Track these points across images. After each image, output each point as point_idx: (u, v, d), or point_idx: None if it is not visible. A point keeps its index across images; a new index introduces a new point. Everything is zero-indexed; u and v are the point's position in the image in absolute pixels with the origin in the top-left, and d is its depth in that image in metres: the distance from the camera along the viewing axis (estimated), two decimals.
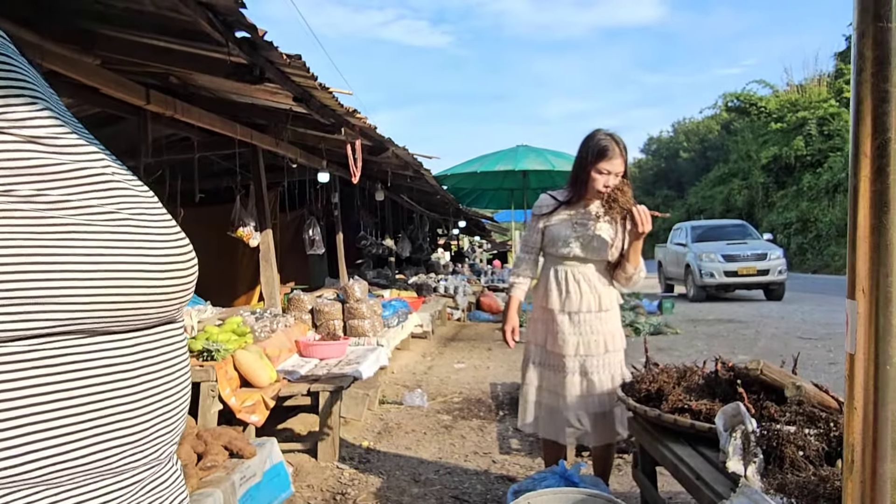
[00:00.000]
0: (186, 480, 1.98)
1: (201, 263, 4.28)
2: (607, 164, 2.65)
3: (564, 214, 2.79)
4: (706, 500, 1.78)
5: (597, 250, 2.75)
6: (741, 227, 15.35)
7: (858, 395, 0.70)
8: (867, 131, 0.72)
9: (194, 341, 3.79)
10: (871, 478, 0.68)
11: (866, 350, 0.70)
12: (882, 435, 0.68)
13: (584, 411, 2.74)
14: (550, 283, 2.80)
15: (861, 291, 0.71)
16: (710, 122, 51.67)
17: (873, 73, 0.71)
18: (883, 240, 0.69)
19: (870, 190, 0.71)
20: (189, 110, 4.14)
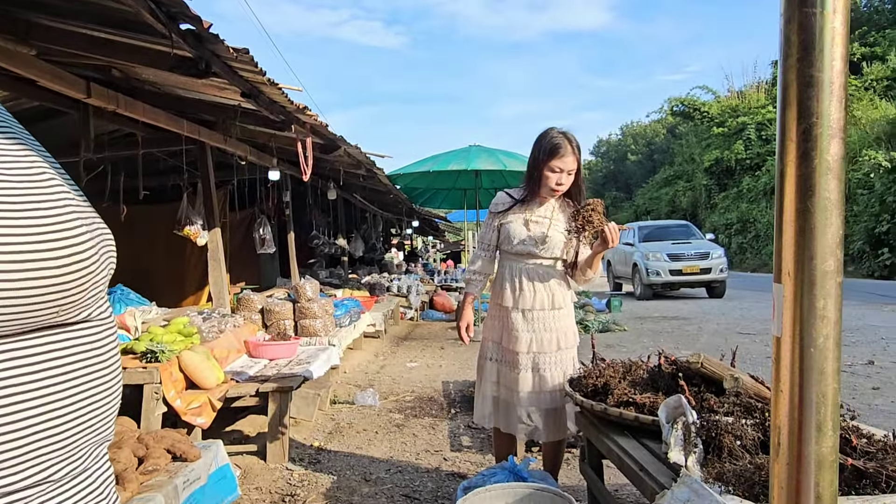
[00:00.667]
0: (126, 485, 1.93)
1: (146, 263, 4.23)
2: (559, 162, 2.68)
3: (519, 212, 2.80)
4: (649, 490, 1.83)
5: (550, 249, 2.76)
6: (685, 227, 15.83)
7: (784, 378, 0.73)
8: (793, 116, 0.74)
9: (138, 342, 3.68)
10: (796, 459, 0.71)
11: (792, 333, 0.73)
12: (807, 417, 0.71)
13: (536, 407, 2.77)
14: (505, 280, 2.82)
15: (787, 275, 0.73)
16: (657, 125, 53.09)
17: (799, 58, 0.73)
18: (808, 224, 0.72)
19: (795, 174, 0.73)
20: (133, 105, 4.01)
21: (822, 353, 0.70)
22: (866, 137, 23.05)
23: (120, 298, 5.05)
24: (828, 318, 0.70)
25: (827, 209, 0.70)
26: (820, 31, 0.70)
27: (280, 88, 3.57)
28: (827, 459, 0.70)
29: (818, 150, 0.71)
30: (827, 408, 0.69)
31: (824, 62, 0.70)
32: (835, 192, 0.71)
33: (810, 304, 0.71)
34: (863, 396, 4.81)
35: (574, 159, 2.71)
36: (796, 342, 0.72)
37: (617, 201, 52.11)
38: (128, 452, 2.06)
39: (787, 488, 0.70)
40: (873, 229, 18.84)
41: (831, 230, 0.70)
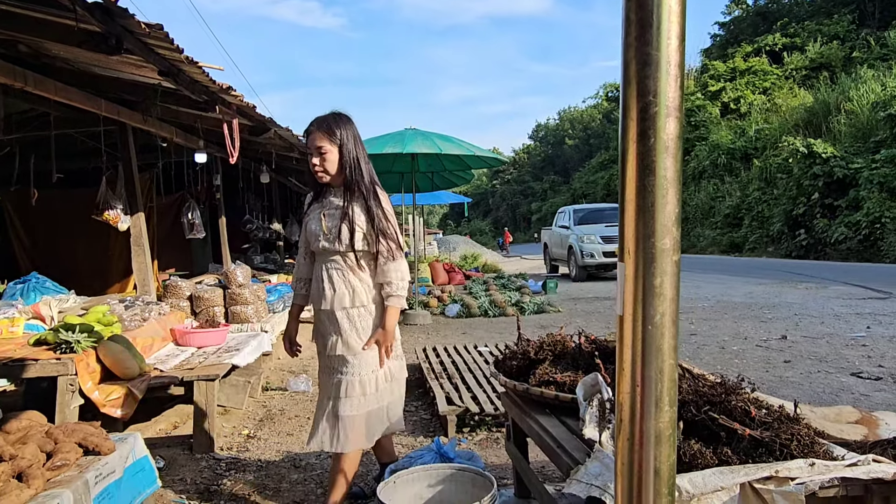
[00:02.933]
0: (30, 482, 1.85)
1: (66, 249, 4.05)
2: (309, 143, 2.54)
3: (317, 208, 2.64)
4: (565, 466, 1.89)
5: (342, 241, 2.51)
6: (619, 210, 16.24)
7: (626, 356, 0.75)
8: (632, 94, 0.75)
9: (51, 333, 3.52)
10: (638, 435, 0.73)
11: (633, 311, 0.75)
12: (647, 393, 0.73)
13: (334, 414, 2.53)
14: (313, 281, 2.67)
15: (627, 253, 0.76)
16: (593, 110, 54.24)
17: (636, 36, 0.74)
18: (646, 202, 0.74)
19: (635, 152, 0.75)
20: (43, 82, 3.78)
21: (658, 329, 0.72)
22: (786, 124, 24.22)
23: (35, 287, 4.80)
24: (664, 296, 0.73)
25: (664, 187, 0.72)
26: (657, 9, 0.71)
27: (200, 67, 3.44)
28: (664, 434, 0.73)
29: (655, 129, 0.72)
30: (664, 384, 0.72)
31: (661, 41, 0.71)
32: (671, 171, 0.72)
33: (648, 282, 0.73)
34: (775, 369, 5.10)
35: (321, 136, 2.51)
36: (637, 320, 0.74)
37: (555, 185, 53.05)
38: (33, 448, 1.97)
39: (629, 463, 0.73)
40: (791, 211, 19.89)
41: (668, 208, 0.72)
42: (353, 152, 2.54)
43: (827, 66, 27.58)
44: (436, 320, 8.78)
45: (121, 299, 4.66)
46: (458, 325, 8.42)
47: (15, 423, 2.20)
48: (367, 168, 2.59)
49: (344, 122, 2.57)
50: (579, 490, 1.67)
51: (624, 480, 0.74)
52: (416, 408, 4.43)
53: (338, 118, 2.57)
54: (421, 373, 5.10)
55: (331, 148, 2.51)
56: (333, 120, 2.54)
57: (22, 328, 3.99)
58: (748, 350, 5.90)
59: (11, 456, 1.88)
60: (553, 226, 16.72)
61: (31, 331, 3.98)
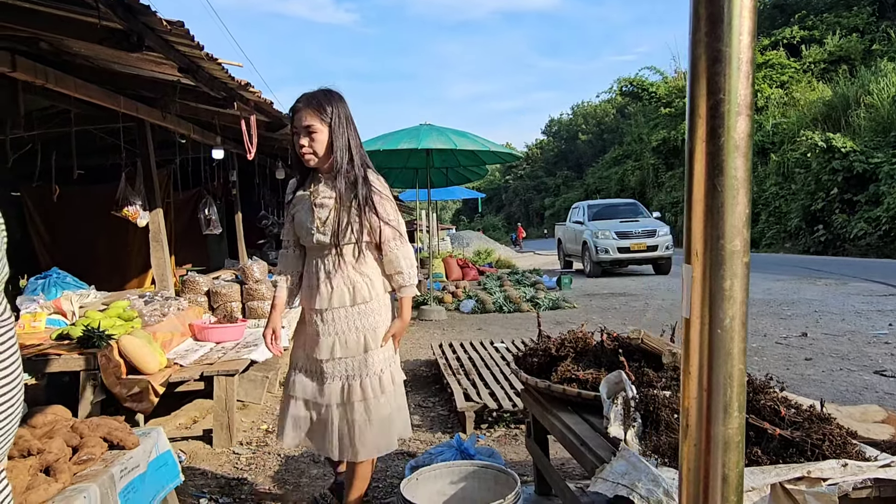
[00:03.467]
0: (57, 476, 1.86)
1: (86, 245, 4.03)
2: (295, 122, 2.29)
3: (306, 198, 2.38)
4: (589, 464, 1.87)
5: (339, 233, 2.30)
6: (633, 205, 16.15)
7: (693, 360, 0.74)
8: (701, 92, 0.73)
9: (74, 328, 3.55)
10: (704, 440, 0.72)
11: (700, 314, 0.73)
12: (715, 398, 0.71)
13: (346, 421, 2.33)
14: (305, 277, 2.44)
15: (695, 255, 0.73)
16: (607, 105, 53.84)
17: (706, 32, 0.72)
18: (715, 203, 0.72)
19: (704, 152, 0.73)
20: (63, 79, 3.81)
21: (728, 333, 0.71)
22: (804, 118, 23.91)
23: (56, 282, 4.85)
24: (734, 299, 0.71)
25: (734, 188, 0.70)
26: (728, 4, 0.70)
27: (220, 64, 3.45)
28: (733, 440, 0.71)
29: (726, 127, 0.71)
30: (733, 389, 0.70)
31: (732, 36, 0.69)
32: (742, 171, 0.71)
33: (717, 285, 0.71)
34: (796, 367, 5.04)
35: (310, 115, 2.26)
36: (704, 323, 0.72)
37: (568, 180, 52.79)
38: (60, 442, 1.98)
39: (695, 469, 0.71)
40: (809, 207, 19.65)
41: (738, 209, 0.70)
42: (345, 133, 2.31)
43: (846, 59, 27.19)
44: (451, 316, 8.78)
45: (140, 294, 4.70)
46: (472, 320, 8.41)
47: (41, 417, 2.22)
48: (359, 150, 2.38)
49: (335, 100, 2.31)
50: (605, 489, 1.66)
51: (690, 486, 0.72)
52: (433, 404, 4.43)
53: (329, 95, 2.31)
54: (437, 368, 5.10)
55: (321, 127, 2.26)
56: (324, 96, 2.30)
57: (44, 323, 4.03)
58: (768, 347, 5.84)
59: (39, 450, 1.90)
60: (567, 221, 16.65)
61: (53, 325, 4.02)
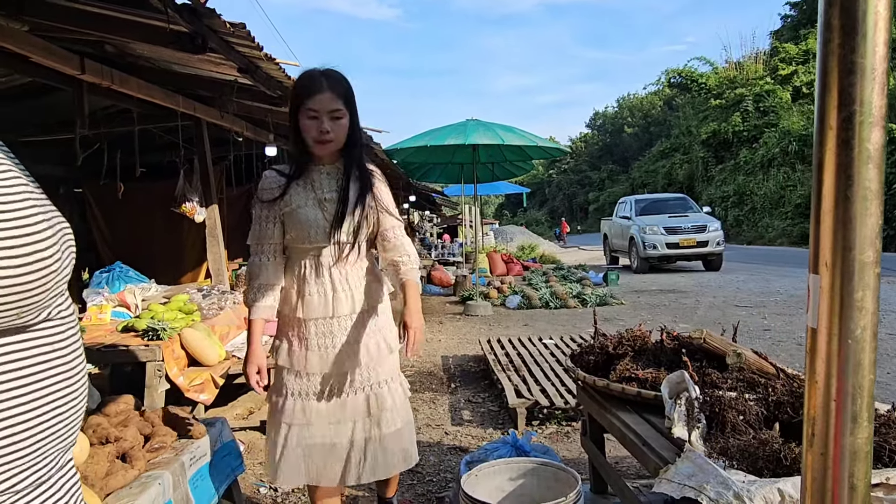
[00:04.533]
0: (133, 463, 1.94)
1: (144, 240, 4.18)
2: (313, 103, 1.98)
3: (304, 192, 2.09)
4: (652, 465, 1.86)
5: (357, 230, 2.10)
6: (682, 200, 15.81)
7: (820, 370, 0.73)
8: (833, 103, 0.72)
9: (139, 320, 3.69)
10: (833, 450, 0.71)
11: (829, 325, 0.73)
12: (844, 408, 0.70)
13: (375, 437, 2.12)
14: (306, 283, 2.09)
15: (824, 266, 0.72)
16: (654, 97, 52.79)
17: (840, 43, 0.71)
18: (847, 214, 0.71)
19: (834, 163, 0.72)
20: (127, 81, 3.96)
21: (859, 344, 0.70)
22: None
23: (119, 276, 5.04)
24: (866, 310, 0.71)
25: (867, 199, 0.70)
26: (863, 15, 0.69)
27: (276, 63, 3.52)
28: (862, 450, 0.71)
29: (859, 139, 0.70)
30: (863, 399, 0.70)
31: (867, 48, 0.68)
32: (875, 182, 0.70)
33: (848, 296, 0.71)
34: None
35: (332, 96, 1.99)
36: (833, 334, 0.72)
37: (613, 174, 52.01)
38: (134, 430, 2.07)
39: (821, 479, 0.71)
40: None
41: (871, 220, 0.69)
42: (358, 120, 2.11)
43: None
44: (496, 311, 8.78)
45: (199, 288, 4.84)
46: (518, 316, 8.39)
47: (114, 406, 2.32)
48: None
49: (350, 83, 2.10)
50: (671, 490, 1.64)
51: (815, 496, 0.72)
52: (482, 399, 4.45)
53: (345, 76, 2.08)
54: (485, 364, 5.12)
55: (345, 112, 2.03)
56: (344, 78, 2.07)
57: (109, 315, 4.20)
58: None
59: (116, 438, 1.99)
60: (613, 216, 16.42)
61: (118, 318, 4.18)
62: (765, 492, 1.46)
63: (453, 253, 15.56)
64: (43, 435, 0.81)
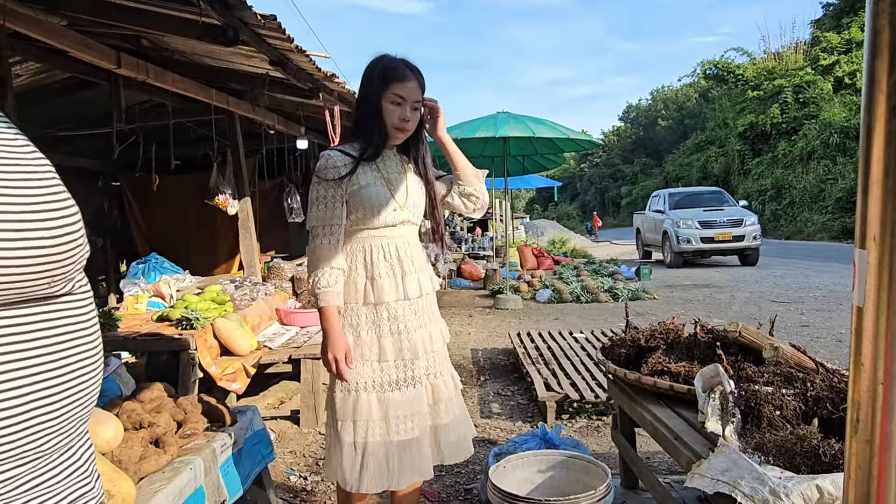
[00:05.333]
0: (166, 448, 1.97)
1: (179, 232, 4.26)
2: (401, 90, 1.99)
3: (371, 171, 2.05)
4: (685, 459, 1.82)
5: (419, 210, 2.13)
6: (718, 193, 15.49)
7: (867, 351, 0.68)
8: (884, 66, 0.67)
9: (173, 310, 3.76)
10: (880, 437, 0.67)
11: (876, 302, 0.69)
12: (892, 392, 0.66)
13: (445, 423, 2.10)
14: (375, 266, 2.03)
15: (872, 240, 0.68)
16: (688, 89, 51.76)
17: (892, 2, 0.66)
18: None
19: (885, 129, 0.68)
20: (162, 75, 4.03)
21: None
22: None
23: (154, 267, 5.15)
24: None
25: None
26: None
27: (308, 56, 3.54)
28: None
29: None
30: None
31: None
32: None
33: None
34: None
35: (419, 90, 2.03)
36: (881, 312, 0.67)
37: (646, 168, 51.23)
38: (167, 416, 2.10)
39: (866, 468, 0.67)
40: None
41: None
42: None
43: None
44: (527, 305, 8.73)
45: (231, 279, 4.92)
46: (549, 310, 8.32)
47: (148, 393, 2.36)
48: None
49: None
50: (704, 485, 1.60)
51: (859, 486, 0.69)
52: (512, 392, 4.42)
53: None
54: (515, 357, 5.09)
55: (420, 100, 2.07)
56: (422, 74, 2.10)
57: (145, 305, 4.29)
58: None
59: (150, 423, 2.02)
60: (646, 210, 16.17)
61: (153, 307, 4.27)
62: (802, 488, 1.41)
63: (483, 247, 15.51)
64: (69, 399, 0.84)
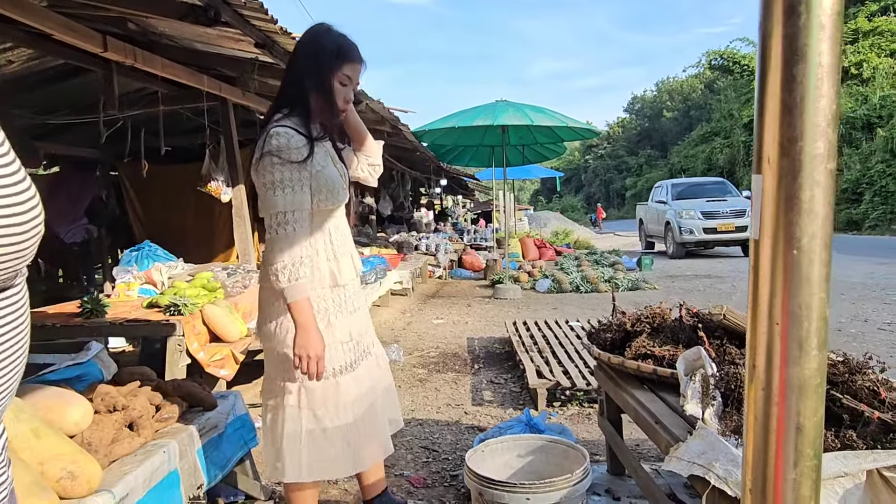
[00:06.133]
0: (140, 431, 1.95)
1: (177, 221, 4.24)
2: (352, 70, 1.93)
3: (321, 151, 1.97)
4: (664, 443, 1.78)
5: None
6: (721, 184, 15.38)
7: (763, 289, 0.61)
8: None
9: (162, 296, 3.73)
10: (778, 383, 0.60)
11: (773, 233, 0.62)
12: (790, 334, 0.59)
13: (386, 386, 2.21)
14: (335, 247, 2.02)
15: (766, 162, 0.61)
16: (694, 80, 51.44)
17: None
18: (794, 96, 0.60)
19: (780, 35, 0.61)
20: (151, 59, 3.98)
21: (807, 255, 0.59)
22: None
23: (147, 254, 5.12)
24: (815, 213, 0.59)
25: (817, 76, 0.58)
26: None
27: (293, 38, 3.49)
28: (811, 383, 0.60)
29: (808, 4, 0.58)
30: (812, 322, 0.59)
31: None
32: (827, 56, 0.58)
33: (794, 196, 0.60)
34: None
35: (361, 72, 1.99)
36: (777, 244, 0.61)
37: (651, 159, 51.02)
38: (144, 400, 2.07)
39: (763, 417, 0.60)
40: None
41: (822, 103, 0.58)
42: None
43: None
44: (526, 295, 8.69)
45: (224, 267, 4.89)
46: (548, 300, 8.28)
47: (128, 376, 2.34)
48: None
49: None
50: (680, 468, 1.57)
51: (757, 437, 0.63)
52: (505, 380, 4.39)
53: None
54: (510, 346, 5.06)
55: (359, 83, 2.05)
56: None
57: (137, 292, 4.27)
58: (868, 333, 5.42)
59: (124, 406, 2.00)
60: (649, 201, 16.08)
61: (145, 294, 4.25)
62: None
63: (485, 237, 15.45)
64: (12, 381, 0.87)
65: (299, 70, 1.94)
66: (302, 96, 1.92)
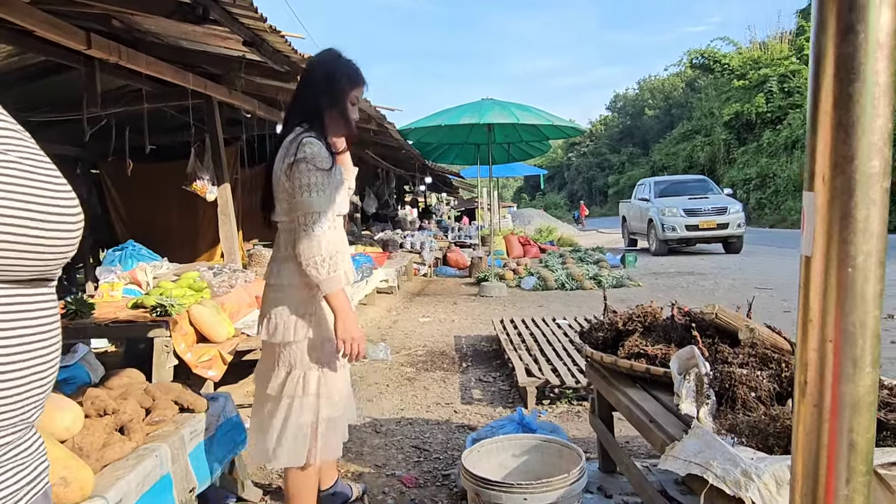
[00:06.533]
0: (131, 435, 1.92)
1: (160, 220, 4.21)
2: (359, 93, 2.16)
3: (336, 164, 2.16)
4: (659, 442, 1.80)
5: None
6: (702, 182, 15.54)
7: (815, 306, 0.61)
8: None
9: (148, 297, 3.69)
10: (831, 400, 0.61)
11: (825, 251, 0.62)
12: (843, 351, 0.60)
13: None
14: (345, 251, 2.23)
15: (821, 180, 0.61)
16: (675, 79, 51.86)
17: None
18: (849, 115, 0.60)
19: (834, 54, 0.62)
20: (135, 57, 3.93)
21: (862, 273, 0.59)
22: None
23: (131, 254, 5.06)
24: (870, 232, 0.59)
25: (874, 96, 0.58)
26: None
27: (283, 36, 3.46)
28: (864, 401, 0.60)
29: (866, 22, 0.58)
30: (866, 339, 0.59)
31: None
32: (884, 75, 0.59)
33: (849, 215, 0.60)
34: (884, 350, 4.73)
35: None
36: (831, 261, 0.61)
37: (633, 157, 51.38)
38: (134, 403, 2.05)
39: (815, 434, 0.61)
40: None
41: (879, 122, 0.58)
42: None
43: None
44: (511, 293, 8.71)
45: (209, 266, 4.84)
46: (534, 297, 8.31)
47: (116, 379, 2.31)
48: None
49: None
50: (677, 467, 1.58)
51: (807, 454, 0.63)
52: (493, 378, 4.40)
53: None
54: (498, 344, 5.07)
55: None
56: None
57: (121, 292, 4.21)
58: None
59: (114, 410, 1.97)
60: (632, 198, 16.20)
61: (129, 295, 4.19)
62: (774, 469, 1.39)
63: (470, 235, 15.47)
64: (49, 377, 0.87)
65: (315, 89, 2.12)
66: (318, 113, 2.10)
